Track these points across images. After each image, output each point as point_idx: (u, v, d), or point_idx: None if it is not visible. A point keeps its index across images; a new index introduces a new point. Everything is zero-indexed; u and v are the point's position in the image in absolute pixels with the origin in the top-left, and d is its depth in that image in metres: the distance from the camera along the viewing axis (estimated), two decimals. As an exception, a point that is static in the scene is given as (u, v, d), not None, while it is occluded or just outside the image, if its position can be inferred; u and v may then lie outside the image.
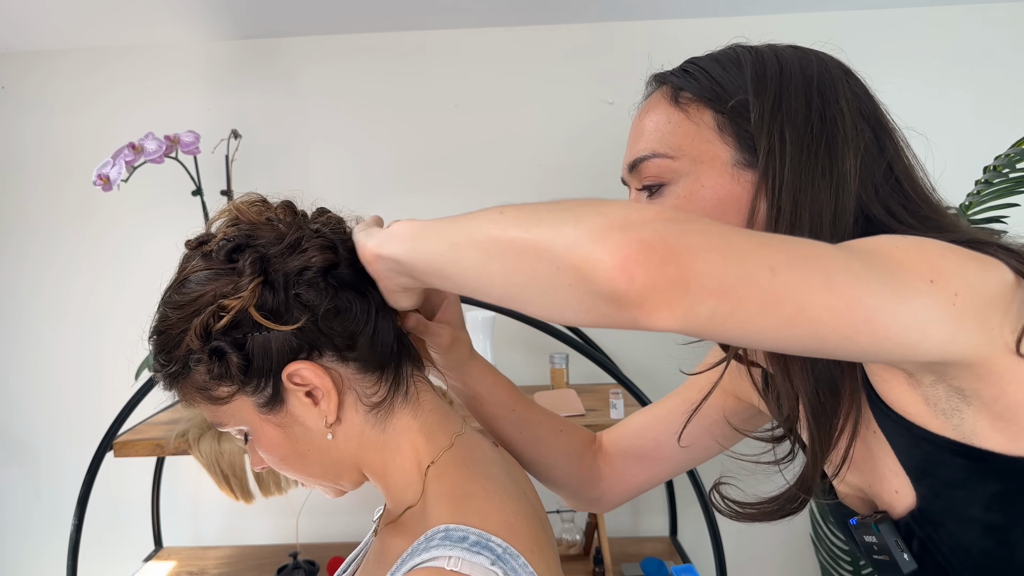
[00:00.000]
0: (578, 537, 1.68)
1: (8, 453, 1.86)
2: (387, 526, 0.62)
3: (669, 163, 0.59)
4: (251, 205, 0.62)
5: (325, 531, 1.83)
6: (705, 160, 0.58)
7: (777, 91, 0.57)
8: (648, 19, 1.72)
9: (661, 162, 0.59)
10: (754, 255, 0.38)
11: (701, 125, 0.59)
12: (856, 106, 0.58)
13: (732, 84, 0.59)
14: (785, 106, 0.57)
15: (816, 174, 0.55)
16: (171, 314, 0.58)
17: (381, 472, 0.62)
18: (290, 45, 1.76)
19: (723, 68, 0.60)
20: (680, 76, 0.62)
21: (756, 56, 0.60)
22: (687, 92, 0.60)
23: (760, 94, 0.57)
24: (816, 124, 0.56)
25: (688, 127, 0.59)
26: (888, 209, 0.56)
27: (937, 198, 0.59)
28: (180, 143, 1.43)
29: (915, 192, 0.57)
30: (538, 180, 1.76)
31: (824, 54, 0.61)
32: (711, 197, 0.58)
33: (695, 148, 0.58)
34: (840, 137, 0.56)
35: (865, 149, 0.57)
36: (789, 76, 0.58)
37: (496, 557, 0.50)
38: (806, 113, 0.57)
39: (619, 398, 1.44)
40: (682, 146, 0.59)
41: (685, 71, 0.62)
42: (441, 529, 0.52)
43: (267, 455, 0.62)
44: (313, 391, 0.58)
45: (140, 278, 1.78)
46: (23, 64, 1.78)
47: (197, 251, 0.60)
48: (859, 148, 0.56)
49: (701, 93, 0.60)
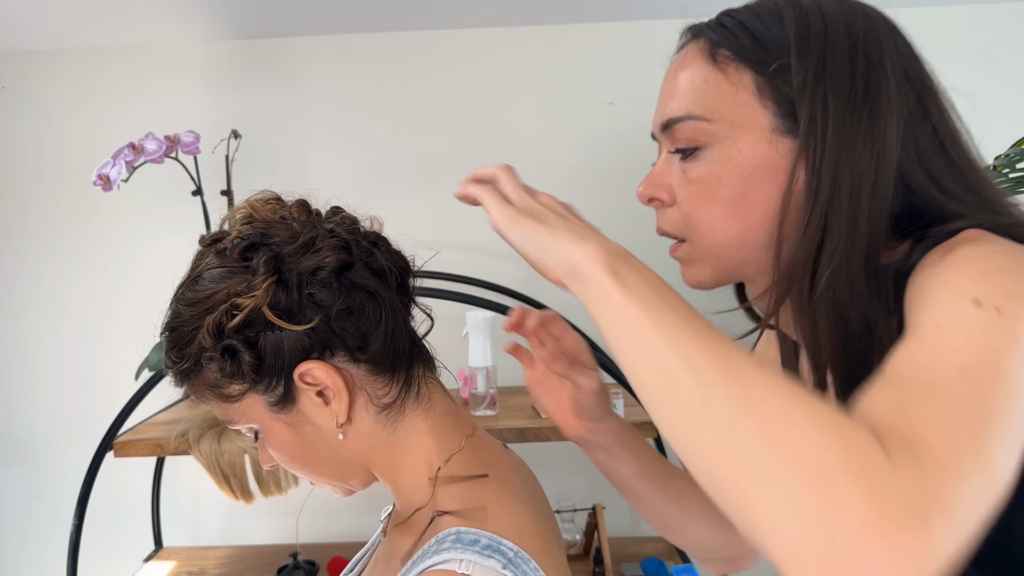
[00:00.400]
0: (578, 537, 1.69)
1: (8, 453, 1.86)
2: (396, 527, 0.62)
3: (705, 126, 0.57)
4: (265, 203, 0.61)
5: (325, 531, 1.83)
6: (743, 124, 0.55)
7: (821, 54, 0.54)
8: (648, 19, 1.72)
9: (697, 124, 0.57)
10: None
11: (740, 87, 0.56)
12: (902, 67, 0.55)
13: (773, 43, 0.55)
14: (829, 70, 0.53)
15: (858, 143, 0.53)
16: (184, 311, 0.58)
17: (391, 473, 0.62)
18: (290, 45, 1.76)
19: (763, 24, 0.57)
20: (718, 31, 0.58)
21: (799, 12, 0.56)
22: (725, 49, 0.57)
23: (803, 58, 0.54)
24: (860, 90, 0.53)
25: (726, 88, 0.56)
26: (931, 176, 0.54)
27: (983, 165, 0.57)
28: (180, 143, 1.43)
29: (959, 158, 0.56)
30: (538, 180, 1.75)
31: (869, 7, 0.58)
32: (748, 164, 0.55)
33: (733, 111, 0.56)
34: (884, 103, 0.53)
35: (909, 114, 0.54)
36: (834, 36, 0.54)
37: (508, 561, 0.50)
38: (850, 79, 0.53)
39: (619, 398, 1.44)
40: (720, 108, 0.56)
41: (723, 25, 0.58)
42: (452, 532, 0.52)
43: (277, 454, 0.62)
44: (324, 391, 0.58)
45: (140, 278, 1.78)
46: (23, 64, 1.78)
47: (211, 248, 0.60)
48: (903, 114, 0.54)
49: (741, 52, 0.56)
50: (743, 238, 0.57)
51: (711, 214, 0.58)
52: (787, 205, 0.55)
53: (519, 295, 1.60)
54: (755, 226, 0.56)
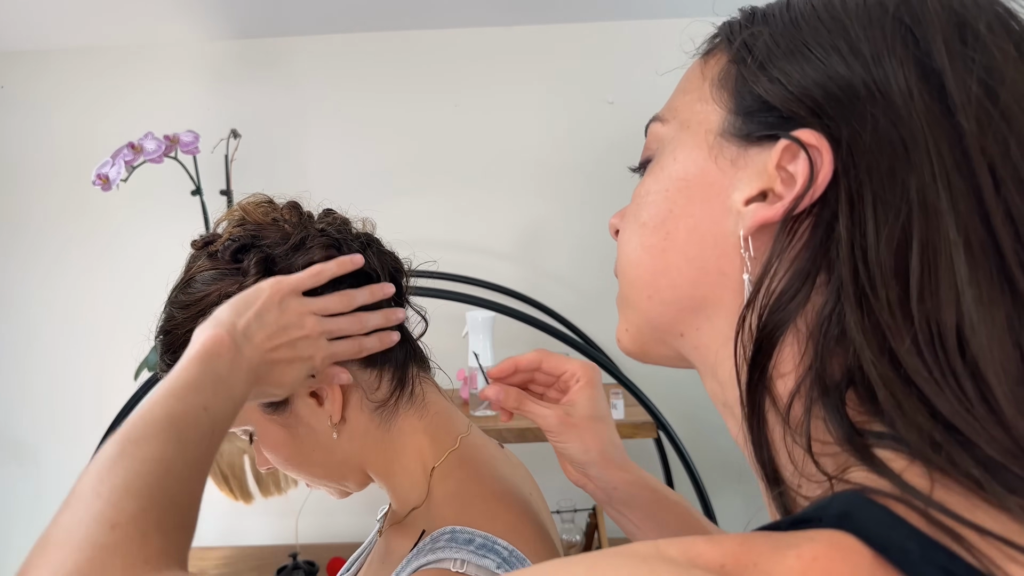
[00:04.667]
0: (578, 538, 1.68)
1: (8, 453, 1.86)
2: (392, 527, 0.62)
3: (658, 128, 0.43)
4: (258, 206, 0.62)
5: (325, 531, 1.83)
6: (691, 124, 0.41)
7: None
8: (649, 18, 1.72)
9: (653, 128, 0.44)
10: None
11: (706, 78, 0.41)
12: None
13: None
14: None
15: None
16: (177, 314, 0.58)
17: (386, 473, 0.62)
18: (290, 45, 1.76)
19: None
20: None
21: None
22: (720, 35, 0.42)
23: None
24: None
25: (694, 81, 0.42)
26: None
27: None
28: (179, 143, 1.43)
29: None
30: (538, 180, 1.76)
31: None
32: (677, 176, 0.40)
33: (688, 108, 0.41)
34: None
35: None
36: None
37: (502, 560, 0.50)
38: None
39: (619, 398, 1.44)
40: (678, 105, 0.42)
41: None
42: (447, 531, 0.52)
43: (272, 455, 0.62)
44: (318, 391, 0.59)
45: (140, 278, 1.78)
46: (23, 64, 1.78)
47: (203, 251, 0.60)
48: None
49: (729, 32, 0.41)
50: (654, 282, 0.41)
51: (629, 242, 0.43)
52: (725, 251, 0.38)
53: (519, 295, 1.60)
54: (671, 268, 0.40)
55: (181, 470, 0.45)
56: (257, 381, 0.52)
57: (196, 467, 0.46)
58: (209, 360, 0.49)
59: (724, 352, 0.38)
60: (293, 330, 0.54)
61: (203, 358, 0.49)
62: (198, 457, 0.46)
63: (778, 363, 0.35)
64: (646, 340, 0.44)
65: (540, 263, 1.76)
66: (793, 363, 0.35)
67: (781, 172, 0.36)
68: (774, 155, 0.35)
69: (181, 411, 0.46)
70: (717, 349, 0.39)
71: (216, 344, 0.49)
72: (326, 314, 0.56)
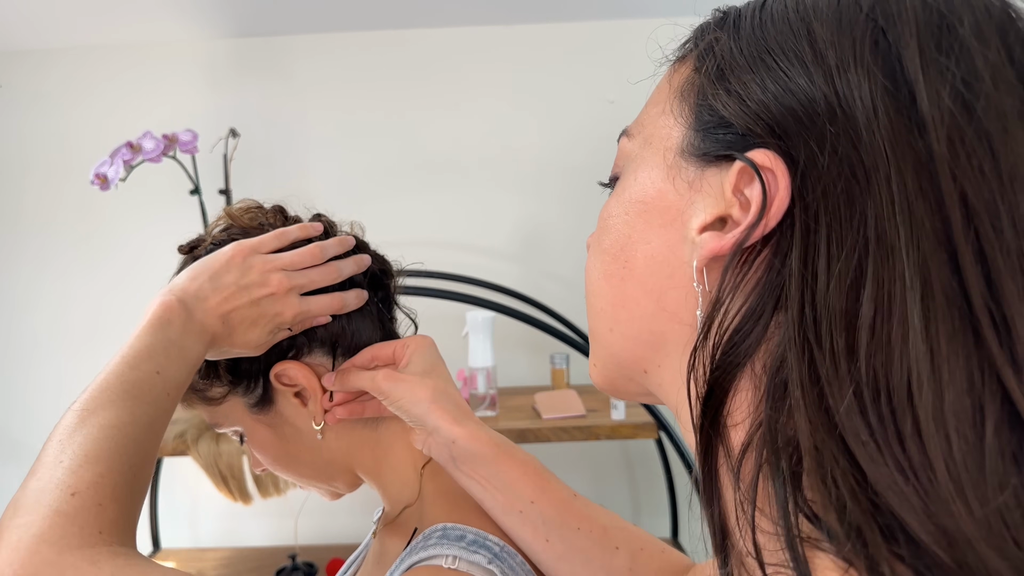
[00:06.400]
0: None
1: (8, 453, 1.86)
2: (385, 527, 0.62)
3: (625, 144, 0.40)
4: (245, 211, 0.63)
5: (324, 533, 1.82)
6: (654, 141, 0.37)
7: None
8: (649, 17, 1.71)
9: (621, 143, 0.41)
10: None
11: (672, 88, 0.38)
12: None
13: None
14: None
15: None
16: None
17: (375, 472, 0.62)
18: (289, 43, 1.76)
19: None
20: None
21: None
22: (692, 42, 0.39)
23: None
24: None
25: (663, 91, 0.38)
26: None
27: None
28: (178, 142, 1.42)
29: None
30: (539, 180, 1.75)
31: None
32: (636, 198, 0.37)
33: (653, 122, 0.38)
34: None
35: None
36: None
37: (493, 556, 0.50)
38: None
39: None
40: (643, 119, 0.39)
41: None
42: (439, 528, 0.52)
43: (261, 456, 0.63)
44: (302, 391, 0.59)
45: (138, 277, 1.77)
46: (22, 62, 1.78)
47: (189, 256, 0.61)
48: None
49: (699, 36, 0.38)
50: (614, 314, 0.38)
51: (593, 269, 0.40)
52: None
53: (519, 295, 1.59)
54: (628, 299, 0.37)
55: (137, 434, 0.47)
56: (214, 342, 0.53)
57: (151, 429, 0.49)
58: (160, 327, 0.50)
59: (683, 394, 0.34)
60: (255, 289, 0.54)
61: (154, 325, 0.50)
62: (153, 420, 0.49)
63: (732, 410, 0.32)
64: (613, 376, 0.41)
65: (540, 263, 1.76)
66: (747, 411, 0.31)
67: (739, 196, 0.32)
68: (731, 178, 0.32)
69: (135, 378, 0.49)
70: (677, 390, 0.35)
71: (166, 311, 0.51)
72: (296, 268, 0.56)
